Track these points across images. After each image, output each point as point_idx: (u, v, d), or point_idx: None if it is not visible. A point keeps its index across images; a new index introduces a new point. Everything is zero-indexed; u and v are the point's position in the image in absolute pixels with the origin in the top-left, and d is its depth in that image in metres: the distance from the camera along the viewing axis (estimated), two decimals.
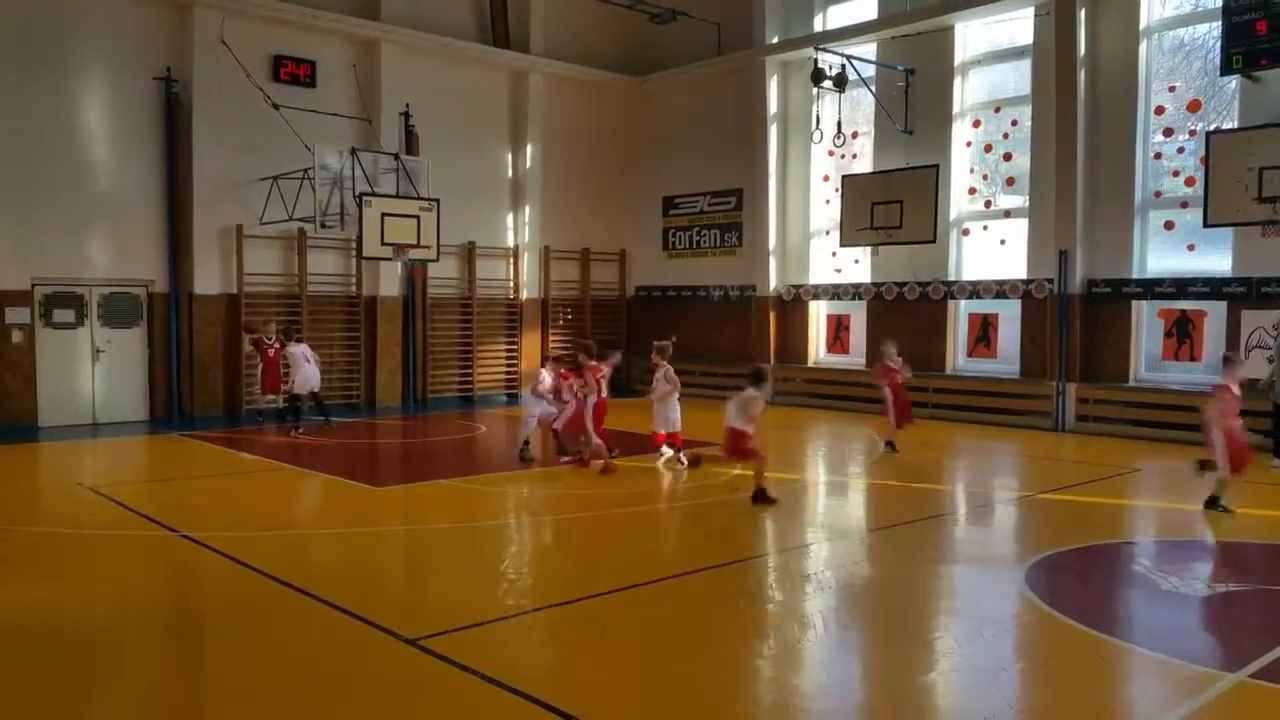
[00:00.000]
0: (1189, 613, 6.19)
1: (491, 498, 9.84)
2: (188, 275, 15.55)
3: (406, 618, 5.76)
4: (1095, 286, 14.89)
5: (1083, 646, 5.48)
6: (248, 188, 15.71)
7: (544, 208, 19.86)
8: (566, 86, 20.09)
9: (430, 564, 7.63)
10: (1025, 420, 15.22)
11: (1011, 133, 16.17)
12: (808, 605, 6.30)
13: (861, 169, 17.91)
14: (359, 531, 8.35)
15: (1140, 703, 4.95)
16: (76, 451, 12.75)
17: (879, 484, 10.61)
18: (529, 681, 4.80)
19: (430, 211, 15.19)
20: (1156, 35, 14.67)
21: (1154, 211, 14.68)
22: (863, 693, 5.09)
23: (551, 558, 7.82)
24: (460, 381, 18.91)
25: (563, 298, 20.62)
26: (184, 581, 6.99)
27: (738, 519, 9.12)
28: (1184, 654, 5.31)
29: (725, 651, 5.42)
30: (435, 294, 18.40)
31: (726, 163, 19.85)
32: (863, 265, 18.16)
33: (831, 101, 17.60)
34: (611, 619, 5.96)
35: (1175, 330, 14.30)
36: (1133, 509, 9.75)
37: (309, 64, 16.64)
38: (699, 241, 20.73)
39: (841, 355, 18.65)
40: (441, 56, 18.26)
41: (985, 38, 16.63)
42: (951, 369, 16.81)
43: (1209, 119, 14.05)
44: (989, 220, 16.56)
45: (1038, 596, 6.30)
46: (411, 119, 17.55)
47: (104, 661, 5.40)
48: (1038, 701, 4.91)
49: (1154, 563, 7.49)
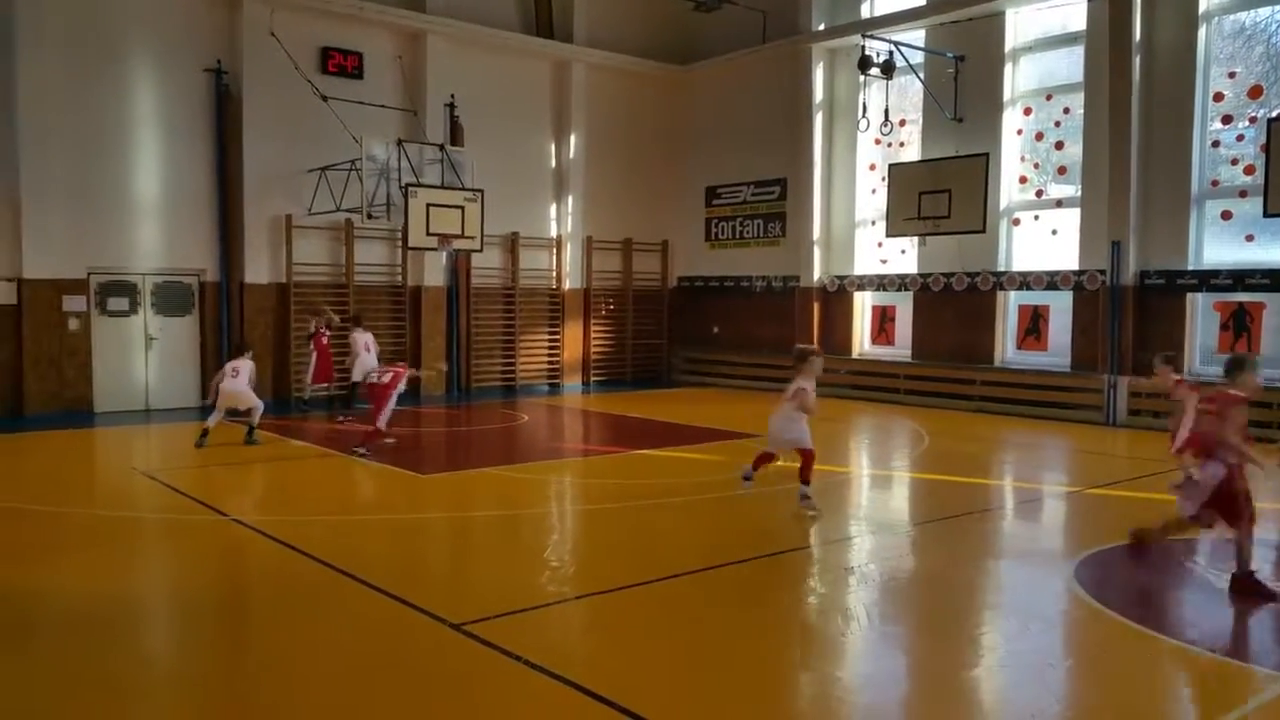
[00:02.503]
0: (1243, 611, 6.03)
1: (534, 486, 9.91)
2: (238, 265, 15.83)
3: (453, 603, 5.83)
4: (1149, 278, 14.54)
5: (1133, 644, 5.37)
6: (296, 179, 15.95)
7: (587, 198, 19.89)
8: (609, 76, 20.07)
9: (474, 551, 7.71)
10: (1076, 414, 14.93)
11: (1064, 120, 15.84)
12: (850, 598, 6.25)
13: (909, 157, 17.67)
14: (406, 518, 8.46)
15: (1190, 702, 4.85)
16: (130, 436, 13.06)
17: (924, 478, 10.48)
18: (571, 668, 4.83)
19: (474, 202, 15.29)
20: (1216, 19, 14.25)
21: (1211, 201, 14.29)
22: (906, 686, 5.04)
23: (592, 546, 7.85)
24: (503, 371, 19.05)
25: (605, 288, 20.65)
26: (235, 565, 7.13)
27: (780, 511, 9.07)
28: (1237, 653, 5.19)
29: (767, 642, 5.40)
30: (479, 284, 18.53)
31: (770, 152, 19.70)
32: (909, 255, 17.93)
33: (879, 89, 17.37)
34: (653, 608, 5.97)
35: (1232, 323, 13.92)
36: None
37: (356, 55, 16.82)
38: (742, 232, 20.63)
39: (886, 347, 18.45)
40: (486, 47, 18.34)
41: (1037, 23, 16.29)
42: (1000, 361, 16.54)
43: (1271, 105, 13.63)
44: (1040, 210, 16.25)
45: (1087, 592, 6.18)
46: (456, 110, 17.67)
47: (157, 644, 5.54)
48: (1085, 699, 4.83)
49: (1208, 560, 7.31)
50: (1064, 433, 13.95)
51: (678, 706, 4.50)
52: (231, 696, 4.67)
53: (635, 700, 4.46)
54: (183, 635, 5.65)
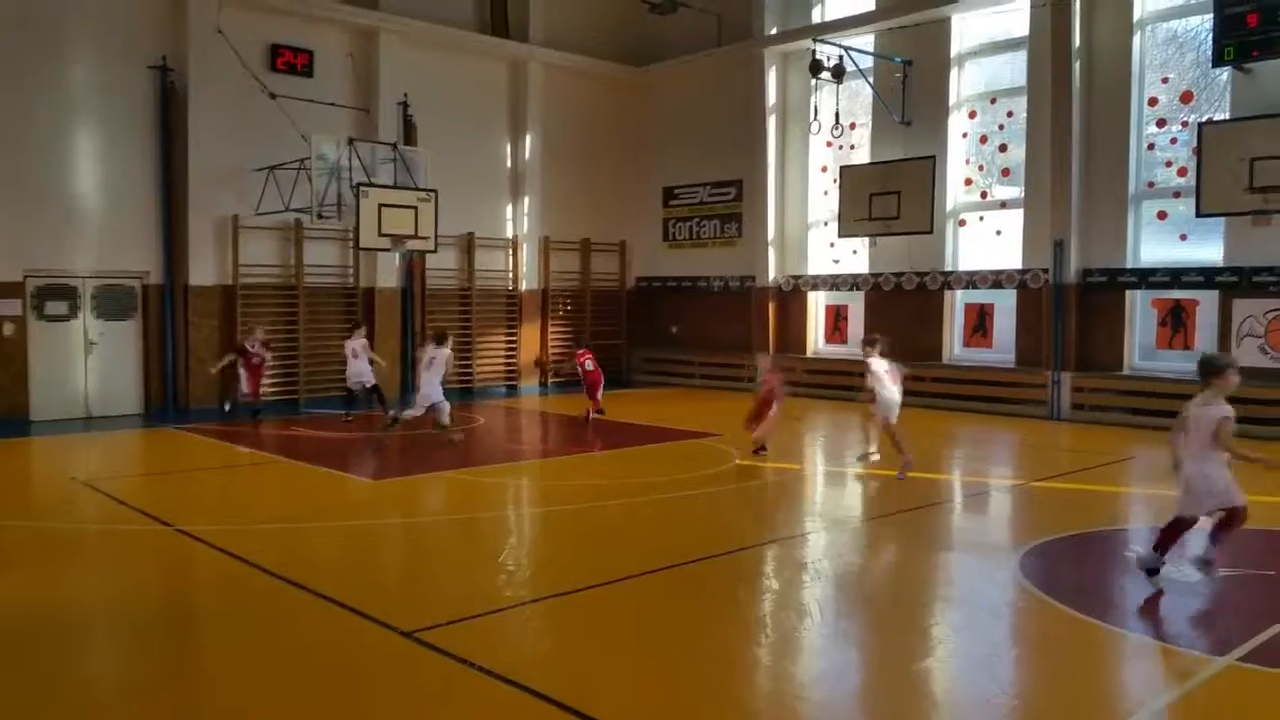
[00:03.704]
0: (1181, 598, 6.24)
1: (489, 489, 9.88)
2: (183, 267, 15.52)
3: (403, 610, 5.78)
4: (1090, 276, 14.94)
5: (1076, 632, 5.54)
6: (244, 178, 15.68)
7: (544, 198, 19.85)
8: (566, 76, 20.06)
9: (428, 556, 7.65)
10: (1021, 409, 15.28)
11: (1007, 124, 16.20)
12: (805, 594, 6.35)
13: (859, 160, 17.93)
14: (356, 524, 8.36)
15: (1132, 687, 5.02)
16: (69, 445, 12.70)
17: (877, 473, 10.67)
18: (525, 673, 4.83)
19: (428, 202, 15.17)
20: (1150, 27, 14.70)
21: (1147, 202, 14.74)
22: (859, 680, 5.15)
23: (549, 549, 7.85)
24: (459, 373, 18.91)
25: (563, 288, 20.63)
26: (178, 576, 6.99)
27: (736, 509, 9.17)
28: (1176, 639, 5.39)
29: (723, 640, 5.46)
30: (434, 285, 18.39)
31: (726, 153, 19.86)
32: (861, 256, 18.20)
33: (830, 92, 17.58)
34: (609, 609, 6.00)
35: (1169, 319, 14.36)
36: (1127, 496, 9.81)
37: (306, 53, 16.59)
38: (699, 232, 20.75)
39: (840, 345, 18.69)
40: (440, 46, 18.22)
41: (981, 29, 16.65)
42: (948, 358, 16.87)
43: (1201, 110, 14.09)
44: (985, 211, 16.59)
45: (1032, 583, 6.36)
46: (410, 109, 17.53)
47: (96, 658, 5.38)
48: (1031, 687, 4.98)
49: (1145, 548, 7.54)
50: (1010, 427, 14.27)
51: (635, 709, 4.53)
52: (175, 711, 4.55)
53: (591, 703, 4.48)
54: (125, 650, 5.50)
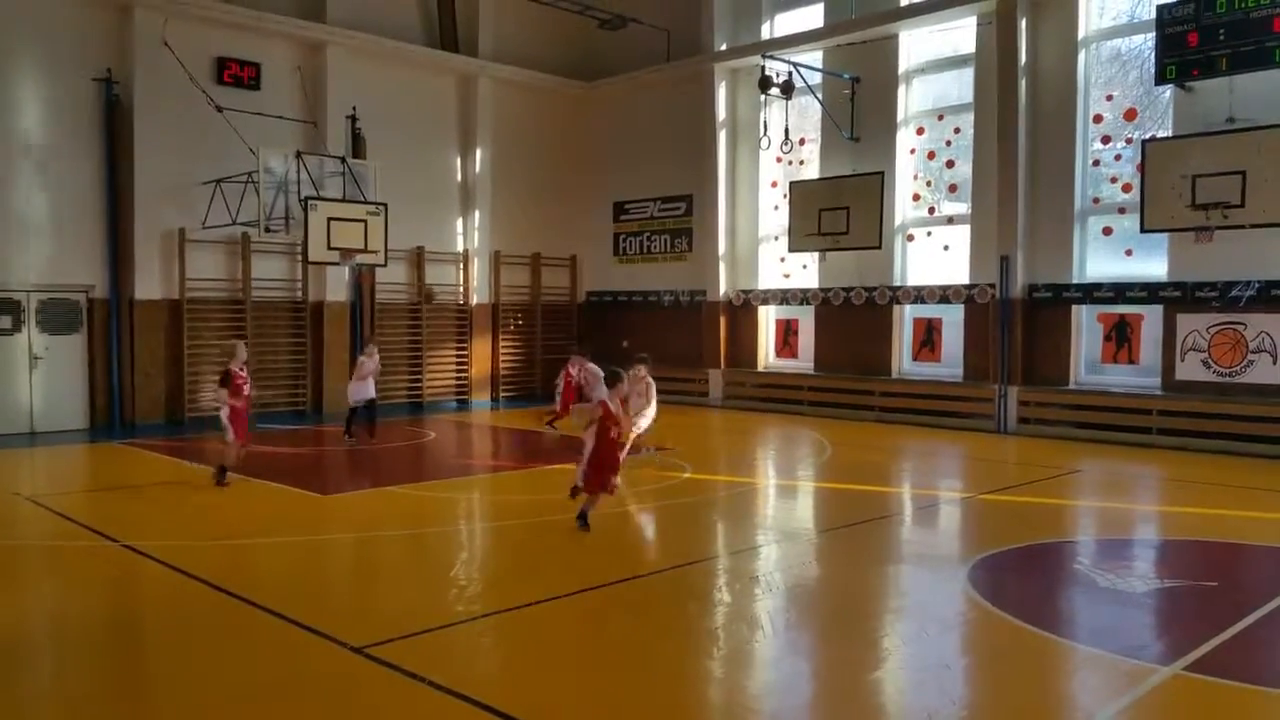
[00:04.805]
0: (1127, 609, 6.36)
1: (441, 504, 9.77)
2: (129, 281, 15.19)
3: (353, 626, 5.70)
4: (1036, 291, 15.23)
5: (1024, 643, 5.61)
6: (190, 191, 15.40)
7: (494, 212, 19.77)
8: (516, 91, 20.04)
9: (378, 572, 7.54)
10: (969, 423, 15.51)
11: (954, 140, 16.50)
12: (756, 606, 6.35)
13: (809, 175, 18.12)
14: (305, 540, 8.22)
15: (1079, 697, 5.07)
16: (13, 460, 12.35)
17: (827, 487, 10.74)
18: (476, 687, 4.78)
19: (377, 215, 15.04)
20: (1094, 45, 15.06)
21: (1093, 218, 15.07)
22: (810, 692, 5.16)
23: (500, 563, 7.78)
24: (410, 388, 18.73)
25: (514, 303, 20.54)
26: (124, 593, 6.81)
27: (686, 522, 9.16)
28: (1121, 649, 5.46)
29: (675, 653, 5.44)
30: (383, 299, 18.20)
31: (676, 168, 19.95)
32: (811, 271, 18.37)
33: (779, 109, 17.77)
34: (559, 624, 5.96)
35: (1114, 334, 14.69)
36: (1074, 509, 9.98)
37: (253, 66, 16.38)
38: (649, 247, 20.80)
39: (790, 360, 18.83)
40: (389, 59, 18.10)
41: (929, 46, 16.95)
42: (897, 372, 17.07)
43: (1145, 127, 14.46)
44: (933, 226, 16.86)
45: (980, 595, 6.43)
46: (358, 122, 17.37)
47: (38, 676, 5.26)
48: (980, 697, 5.02)
49: (1093, 560, 7.69)
50: (958, 440, 14.47)
51: None
52: None
53: (538, 717, 4.44)
54: (69, 668, 5.37)
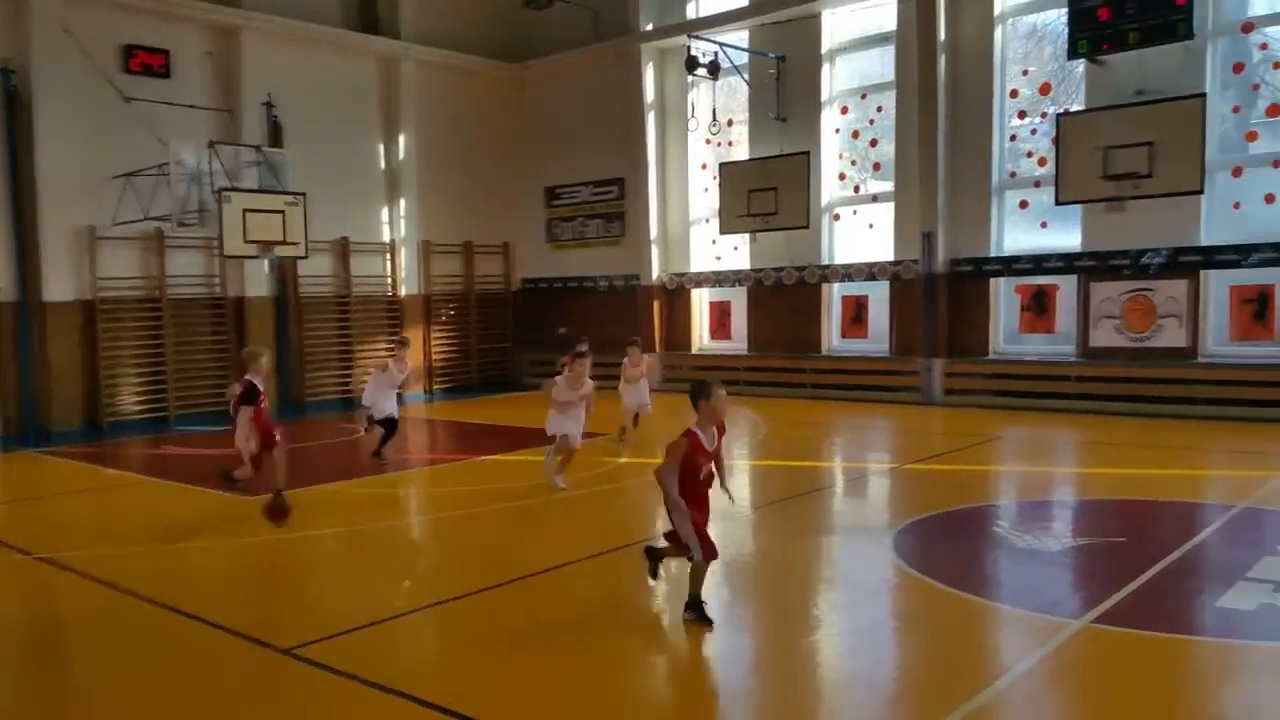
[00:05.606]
0: (1042, 568, 6.56)
1: (374, 499, 9.62)
2: (37, 282, 14.58)
3: (282, 628, 5.61)
4: (958, 265, 15.54)
5: (945, 605, 5.74)
6: (99, 186, 14.80)
7: (422, 200, 19.43)
8: (441, 74, 19.70)
9: (310, 571, 7.38)
10: (897, 396, 15.80)
11: (877, 119, 16.69)
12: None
13: (739, 156, 18.19)
14: (231, 543, 8.01)
15: (998, 653, 5.24)
16: None
17: (763, 463, 10.85)
18: (406, 681, 4.72)
19: (296, 206, 14.66)
20: (1011, 21, 15.32)
21: (1010, 191, 15.41)
22: (746, 664, 5.22)
23: (436, 556, 7.71)
24: (339, 383, 18.39)
25: (446, 292, 20.26)
26: (38, 606, 6.57)
27: (621, 506, 9.18)
28: (1037, 605, 5.64)
29: (612, 636, 5.45)
30: (308, 293, 17.80)
31: (607, 151, 19.82)
32: (742, 252, 18.48)
33: (707, 89, 17.80)
34: (495, 614, 5.92)
35: (1032, 304, 15.09)
36: (994, 474, 10.25)
37: (162, 53, 15.79)
38: (583, 232, 20.69)
39: (725, 341, 18.95)
40: (306, 43, 17.62)
41: (852, 25, 17.06)
42: (827, 349, 17.30)
43: (1060, 101, 14.81)
44: (859, 205, 17.06)
45: (904, 561, 6.57)
46: (275, 110, 16.90)
47: None
48: (906, 658, 5.14)
49: (1012, 523, 7.91)
50: (887, 413, 14.75)
51: (524, 709, 4.48)
52: None
53: (478, 707, 4.41)
54: None
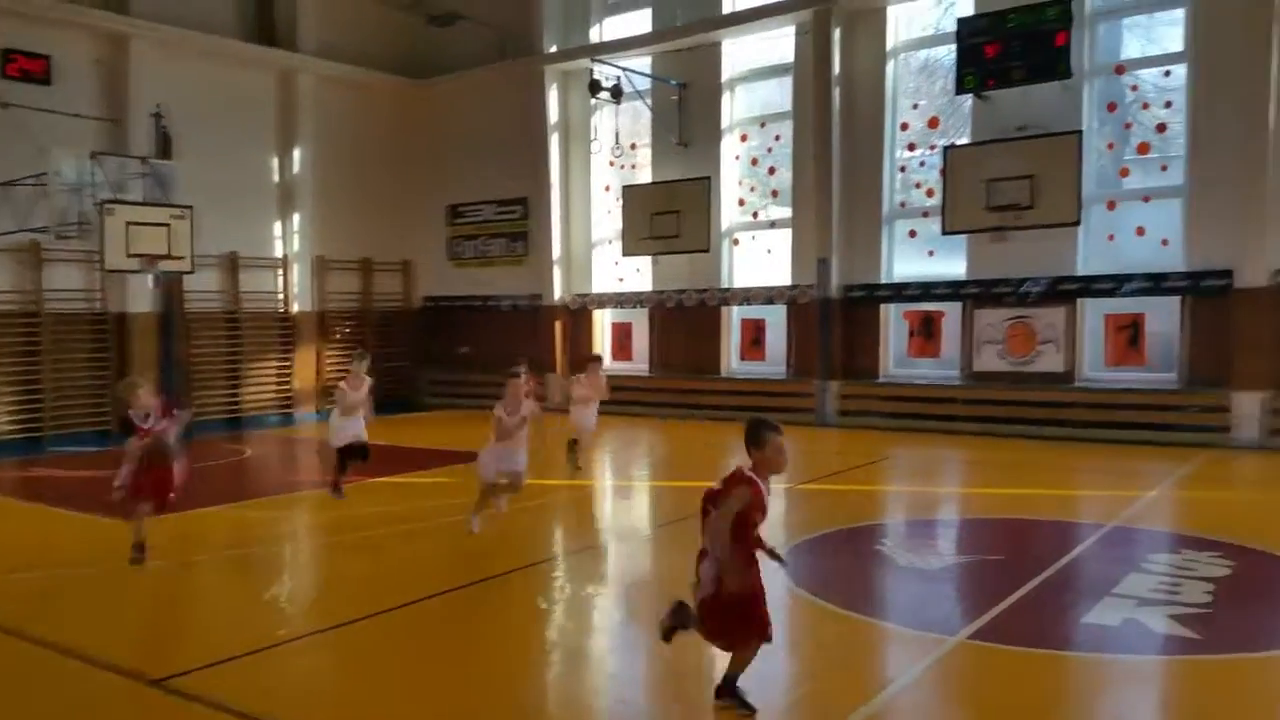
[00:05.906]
0: (922, 585, 6.81)
1: (260, 523, 9.32)
2: None
3: (155, 658, 5.40)
4: (851, 291, 16.05)
5: (829, 623, 5.91)
6: None
7: (318, 216, 19.00)
8: (341, 88, 19.35)
9: (188, 598, 7.11)
10: (793, 417, 16.02)
11: (775, 147, 17.15)
12: (591, 604, 6.42)
13: (641, 180, 18.41)
14: (106, 570, 7.63)
15: (879, 669, 5.41)
16: None
17: (660, 485, 10.94)
18: (285, 710, 4.60)
19: (182, 219, 14.19)
20: (903, 55, 15.98)
21: (900, 221, 16.02)
22: (642, 684, 5.27)
23: (324, 580, 7.51)
24: (227, 402, 17.76)
25: (342, 310, 19.83)
26: None
27: (520, 527, 9.12)
28: (916, 623, 5.85)
29: (511, 658, 5.45)
30: (196, 309, 17.16)
31: (510, 171, 19.76)
32: (644, 274, 18.66)
33: (610, 112, 17.97)
34: (385, 639, 5.80)
35: (920, 329, 15.68)
36: (881, 494, 10.59)
37: (43, 59, 15.09)
38: (486, 250, 20.55)
39: (626, 363, 19.05)
40: (200, 54, 17.09)
41: (751, 55, 17.50)
42: (726, 372, 17.60)
43: (948, 135, 15.48)
44: (757, 230, 17.47)
45: (790, 581, 6.71)
46: (165, 121, 16.30)
47: None
48: (792, 676, 5.26)
49: (895, 541, 8.19)
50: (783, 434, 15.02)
51: None
52: None
53: None
54: None
